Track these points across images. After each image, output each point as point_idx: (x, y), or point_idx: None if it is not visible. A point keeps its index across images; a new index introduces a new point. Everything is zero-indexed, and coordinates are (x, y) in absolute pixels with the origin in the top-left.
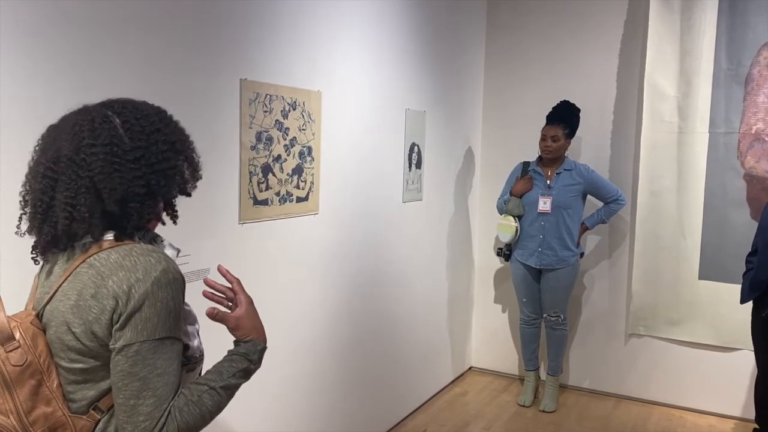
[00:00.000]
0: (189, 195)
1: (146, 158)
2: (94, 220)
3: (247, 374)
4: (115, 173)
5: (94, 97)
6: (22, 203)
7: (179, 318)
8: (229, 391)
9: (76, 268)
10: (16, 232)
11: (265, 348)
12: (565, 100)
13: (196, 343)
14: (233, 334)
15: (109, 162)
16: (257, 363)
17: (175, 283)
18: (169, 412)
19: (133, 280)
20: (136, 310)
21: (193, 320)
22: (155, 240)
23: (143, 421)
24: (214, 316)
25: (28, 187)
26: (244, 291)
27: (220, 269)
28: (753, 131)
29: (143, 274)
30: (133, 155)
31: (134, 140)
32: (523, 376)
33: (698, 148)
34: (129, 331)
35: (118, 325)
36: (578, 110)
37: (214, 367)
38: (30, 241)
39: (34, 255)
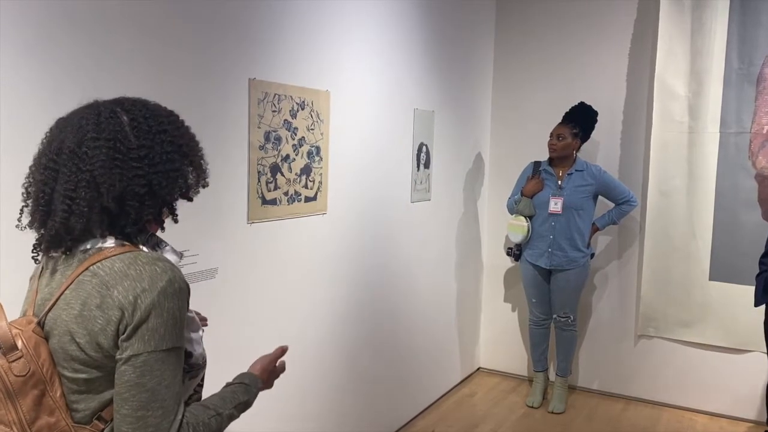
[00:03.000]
0: (190, 200)
1: (150, 158)
2: (93, 216)
3: (245, 407)
4: (115, 169)
5: (102, 98)
6: (24, 195)
7: (183, 328)
8: (229, 421)
9: (78, 276)
10: (17, 226)
11: (261, 387)
12: (582, 102)
13: (199, 350)
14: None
15: (110, 157)
16: (254, 397)
17: (181, 293)
18: (181, 424)
19: (139, 290)
20: (143, 320)
21: (197, 327)
22: (158, 245)
23: None
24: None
25: (30, 179)
26: (274, 361)
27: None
28: (765, 131)
29: (149, 284)
30: (136, 153)
31: (139, 138)
32: (532, 377)
33: (709, 148)
34: (136, 342)
35: (124, 335)
36: (594, 112)
37: (217, 395)
38: (30, 240)
39: (35, 254)
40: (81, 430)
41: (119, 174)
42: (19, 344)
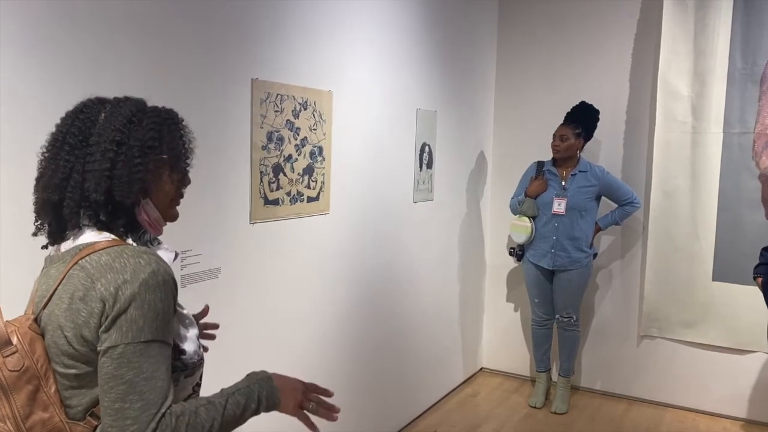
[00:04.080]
0: (130, 205)
1: (90, 155)
2: (39, 204)
3: (249, 395)
4: (56, 160)
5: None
6: None
7: (168, 321)
8: (226, 412)
9: (68, 271)
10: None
11: (270, 376)
12: (583, 101)
13: (192, 347)
14: None
15: (49, 148)
16: (255, 402)
17: (165, 285)
18: (164, 416)
19: (121, 281)
20: (122, 311)
21: (190, 323)
22: (151, 242)
23: (130, 425)
24: None
25: None
26: (303, 386)
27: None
28: None
29: (131, 276)
30: (89, 150)
31: (97, 136)
32: (535, 378)
33: (712, 149)
34: (114, 333)
35: (103, 327)
36: (596, 112)
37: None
38: (28, 240)
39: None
40: (74, 427)
41: (60, 166)
42: (14, 340)
